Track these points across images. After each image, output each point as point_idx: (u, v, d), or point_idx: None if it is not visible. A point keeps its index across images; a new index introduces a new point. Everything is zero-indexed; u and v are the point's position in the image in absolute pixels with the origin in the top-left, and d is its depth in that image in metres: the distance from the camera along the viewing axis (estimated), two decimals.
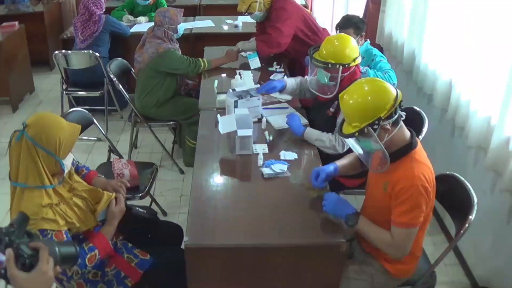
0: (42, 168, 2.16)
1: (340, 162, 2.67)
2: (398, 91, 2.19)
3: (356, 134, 2.16)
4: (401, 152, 2.21)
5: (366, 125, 2.12)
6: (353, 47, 3.01)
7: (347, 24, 3.81)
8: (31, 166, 2.15)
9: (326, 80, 3.04)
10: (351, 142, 2.30)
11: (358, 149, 2.30)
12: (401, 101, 2.18)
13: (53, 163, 2.19)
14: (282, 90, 3.39)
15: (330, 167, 2.60)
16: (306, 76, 3.44)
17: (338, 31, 3.81)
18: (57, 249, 1.51)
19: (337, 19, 6.29)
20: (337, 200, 2.39)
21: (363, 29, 3.84)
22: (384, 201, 2.25)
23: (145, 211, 2.72)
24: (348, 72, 3.01)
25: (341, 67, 2.96)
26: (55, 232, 2.14)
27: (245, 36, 4.45)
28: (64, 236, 2.18)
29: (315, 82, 3.21)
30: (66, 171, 2.29)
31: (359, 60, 3.03)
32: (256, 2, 4.35)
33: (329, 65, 2.96)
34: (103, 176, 2.77)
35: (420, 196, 2.13)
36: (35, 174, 2.15)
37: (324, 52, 3.01)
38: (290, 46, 4.42)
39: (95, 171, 2.76)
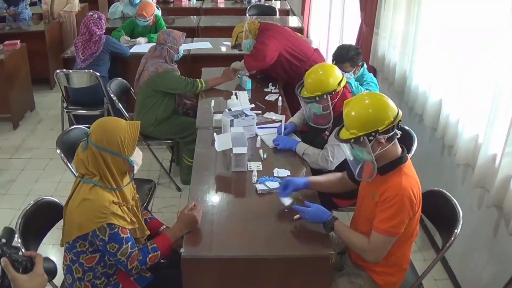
0: (111, 171, 2.27)
1: (313, 178, 2.76)
2: (400, 111, 2.29)
3: (352, 140, 2.26)
4: (391, 165, 2.31)
5: (362, 135, 2.23)
6: (336, 75, 3.05)
7: (344, 59, 3.85)
8: (100, 170, 2.25)
9: (320, 111, 3.11)
10: (344, 147, 2.41)
11: (349, 155, 2.40)
12: (400, 121, 2.28)
13: (121, 162, 2.31)
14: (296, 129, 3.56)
15: (300, 181, 2.70)
16: None
17: (334, 63, 3.85)
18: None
19: (333, 41, 6.45)
20: (314, 208, 2.47)
21: (359, 60, 3.91)
22: (372, 211, 2.33)
23: None
24: (338, 97, 3.06)
25: (329, 96, 3.02)
26: (121, 228, 2.24)
27: (242, 58, 4.53)
28: (128, 233, 2.28)
29: (311, 114, 3.28)
30: (136, 168, 2.40)
31: (344, 81, 3.08)
32: (242, 31, 4.46)
33: (317, 98, 3.02)
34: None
35: (403, 206, 2.21)
36: (103, 177, 2.26)
37: (309, 86, 3.06)
38: (280, 68, 4.47)
39: (159, 222, 2.78)
